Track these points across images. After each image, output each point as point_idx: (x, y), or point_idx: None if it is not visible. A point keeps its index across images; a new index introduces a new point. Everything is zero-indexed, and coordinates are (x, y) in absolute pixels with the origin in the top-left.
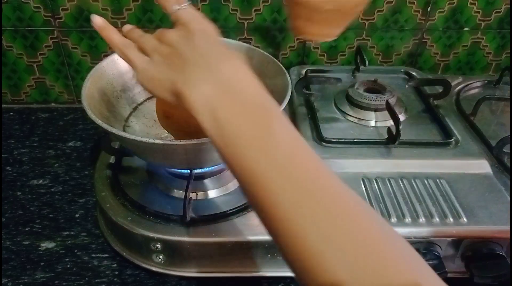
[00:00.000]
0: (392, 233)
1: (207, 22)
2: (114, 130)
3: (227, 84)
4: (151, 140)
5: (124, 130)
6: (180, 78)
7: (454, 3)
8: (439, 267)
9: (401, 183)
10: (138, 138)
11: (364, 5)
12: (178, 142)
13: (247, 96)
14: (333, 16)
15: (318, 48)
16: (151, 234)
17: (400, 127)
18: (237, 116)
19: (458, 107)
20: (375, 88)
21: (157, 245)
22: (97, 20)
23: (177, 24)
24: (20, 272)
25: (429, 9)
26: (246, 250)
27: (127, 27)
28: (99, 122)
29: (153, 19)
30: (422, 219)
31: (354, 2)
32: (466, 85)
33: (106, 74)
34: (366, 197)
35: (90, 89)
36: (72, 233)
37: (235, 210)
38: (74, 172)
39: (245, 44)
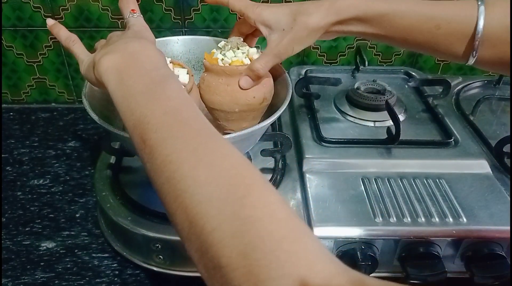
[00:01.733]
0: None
1: (146, 28)
2: (115, 130)
3: (133, 54)
4: None
5: (124, 130)
6: (99, 54)
7: None
8: (439, 267)
9: (400, 183)
10: None
11: (270, 99)
12: None
13: (148, 64)
14: (245, 114)
15: (318, 48)
16: (151, 234)
17: (399, 127)
18: (138, 76)
19: (458, 107)
20: (374, 88)
21: (157, 245)
22: (49, 21)
23: (126, 27)
24: (20, 272)
25: None
26: None
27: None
28: (100, 121)
29: (153, 19)
30: (421, 219)
31: (260, 100)
32: (466, 85)
33: None
34: (366, 197)
35: (90, 88)
36: (72, 233)
37: None
38: (75, 172)
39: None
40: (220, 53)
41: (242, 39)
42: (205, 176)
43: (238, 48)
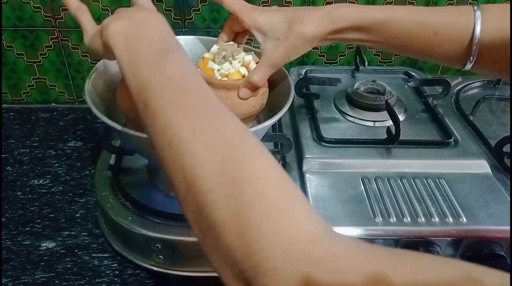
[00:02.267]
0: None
1: (153, 7)
2: (119, 127)
3: (141, 22)
4: None
5: (125, 126)
6: (107, 20)
7: (454, 2)
8: None
9: (400, 183)
10: (139, 134)
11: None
12: None
13: (156, 32)
14: (243, 121)
15: (318, 48)
16: (151, 234)
17: (399, 127)
18: (145, 43)
19: (457, 107)
20: (374, 88)
21: (158, 245)
22: None
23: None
24: (20, 272)
25: None
26: None
27: None
28: (104, 118)
29: None
30: (421, 219)
31: (258, 107)
32: (466, 85)
33: (108, 71)
34: (366, 197)
35: (91, 87)
36: (72, 233)
37: None
38: (75, 172)
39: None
40: (214, 62)
41: (236, 45)
42: (204, 141)
43: (233, 57)
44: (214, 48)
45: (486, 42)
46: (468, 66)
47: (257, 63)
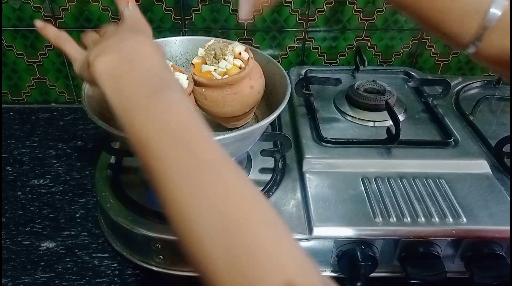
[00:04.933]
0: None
1: (142, 21)
2: (116, 131)
3: (128, 56)
4: None
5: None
6: (94, 53)
7: None
8: (439, 267)
9: (400, 183)
10: None
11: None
12: None
13: (146, 67)
14: (253, 108)
15: (318, 48)
16: (151, 234)
17: (399, 127)
18: (136, 86)
19: (457, 107)
20: (374, 88)
21: (158, 245)
22: (38, 23)
23: (121, 20)
24: (20, 272)
25: None
26: None
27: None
28: (100, 122)
29: (153, 19)
30: (421, 219)
31: (262, 92)
32: (466, 85)
33: None
34: (366, 197)
35: (90, 89)
36: (72, 233)
37: None
38: (75, 172)
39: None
40: (207, 63)
41: (220, 41)
42: (207, 221)
43: (223, 53)
44: (201, 51)
45: (497, 27)
46: (472, 50)
47: (244, 50)
